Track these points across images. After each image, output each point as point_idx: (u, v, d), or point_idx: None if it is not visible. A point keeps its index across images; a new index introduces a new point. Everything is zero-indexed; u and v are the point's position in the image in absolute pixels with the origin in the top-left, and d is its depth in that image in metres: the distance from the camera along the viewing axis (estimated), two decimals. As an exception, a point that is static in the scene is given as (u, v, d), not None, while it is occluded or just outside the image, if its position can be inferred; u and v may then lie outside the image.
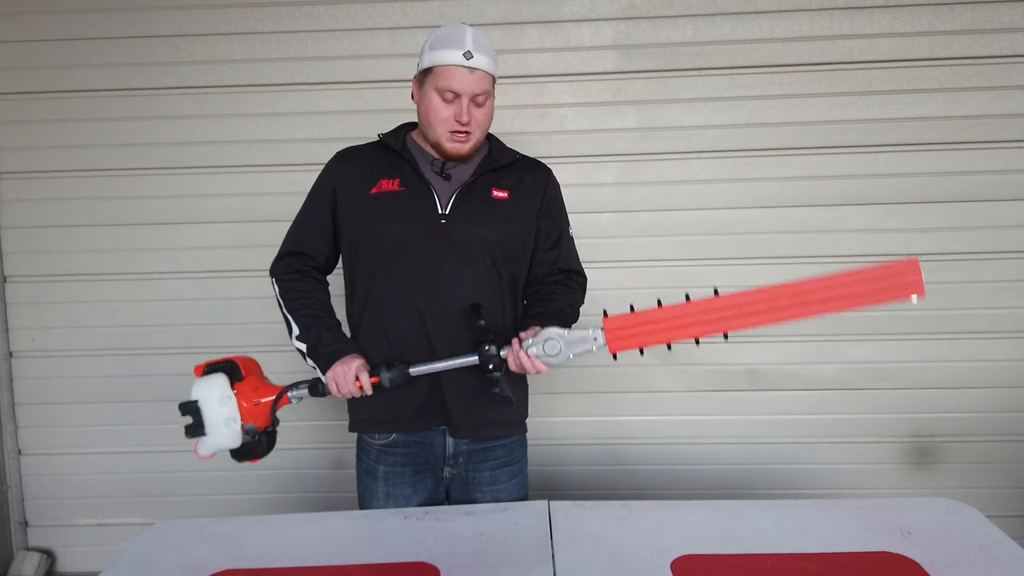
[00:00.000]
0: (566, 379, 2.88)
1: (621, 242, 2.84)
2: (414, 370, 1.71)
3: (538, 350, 1.64)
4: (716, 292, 1.59)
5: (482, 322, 1.68)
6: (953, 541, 1.56)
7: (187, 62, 2.80)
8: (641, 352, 1.65)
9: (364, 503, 1.91)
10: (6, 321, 2.98)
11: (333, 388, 1.73)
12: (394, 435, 1.84)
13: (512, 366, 1.68)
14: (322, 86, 2.81)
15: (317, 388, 1.76)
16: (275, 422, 1.77)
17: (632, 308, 1.63)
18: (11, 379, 3.01)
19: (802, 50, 2.74)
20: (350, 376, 1.71)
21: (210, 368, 1.76)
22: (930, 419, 2.90)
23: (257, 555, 1.59)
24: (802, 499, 1.84)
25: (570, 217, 1.99)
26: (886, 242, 2.80)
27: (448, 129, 1.72)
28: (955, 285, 2.81)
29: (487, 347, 1.65)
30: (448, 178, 1.81)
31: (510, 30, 2.75)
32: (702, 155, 2.81)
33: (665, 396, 2.92)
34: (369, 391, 1.72)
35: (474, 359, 1.68)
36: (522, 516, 1.69)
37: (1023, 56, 2.70)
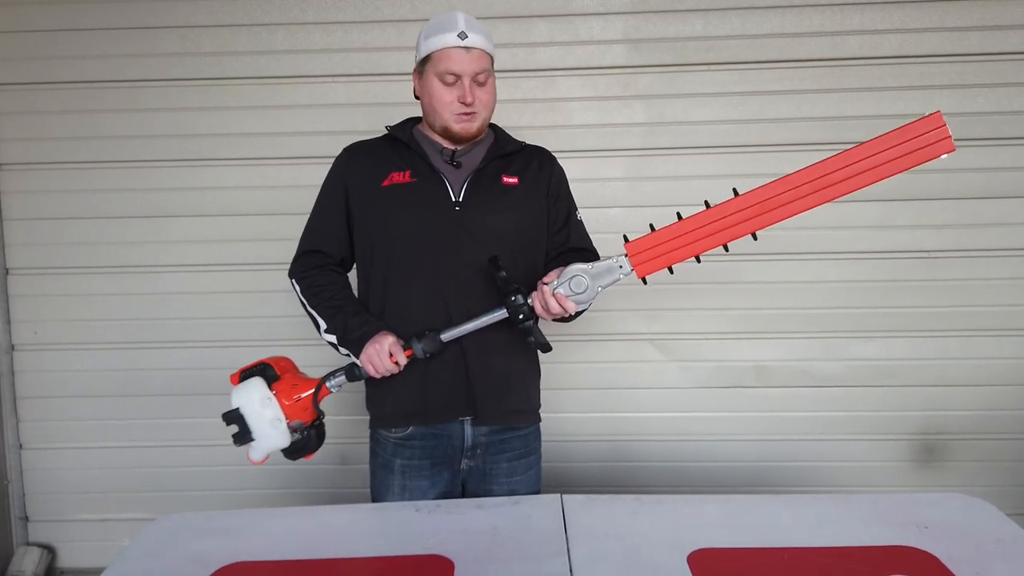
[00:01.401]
0: (575, 375, 2.88)
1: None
2: (445, 335, 1.70)
3: (564, 289, 1.62)
4: (736, 192, 1.54)
5: (503, 273, 1.65)
6: (969, 536, 1.54)
7: (193, 53, 2.78)
8: (670, 271, 1.60)
9: (378, 498, 1.89)
10: (8, 314, 2.96)
11: (370, 369, 1.71)
12: (411, 428, 1.82)
13: (539, 310, 1.66)
14: (329, 78, 2.79)
15: (354, 372, 1.74)
16: (320, 414, 1.77)
17: (652, 227, 1.59)
18: (12, 373, 2.99)
19: (812, 45, 2.74)
20: (384, 353, 1.69)
21: (244, 374, 1.75)
22: (938, 416, 2.89)
23: (266, 547, 1.58)
24: (816, 494, 1.83)
25: (578, 211, 2.00)
26: (896, 238, 2.79)
27: (454, 112, 1.74)
28: (964, 282, 2.81)
29: (513, 297, 1.63)
30: (458, 166, 1.82)
31: (519, 23, 2.74)
32: (711, 150, 2.80)
33: (673, 392, 2.91)
34: (403, 363, 1.70)
35: (503, 312, 1.66)
36: (535, 509, 1.68)
37: (1034, 53, 2.70)
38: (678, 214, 1.57)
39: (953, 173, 2.75)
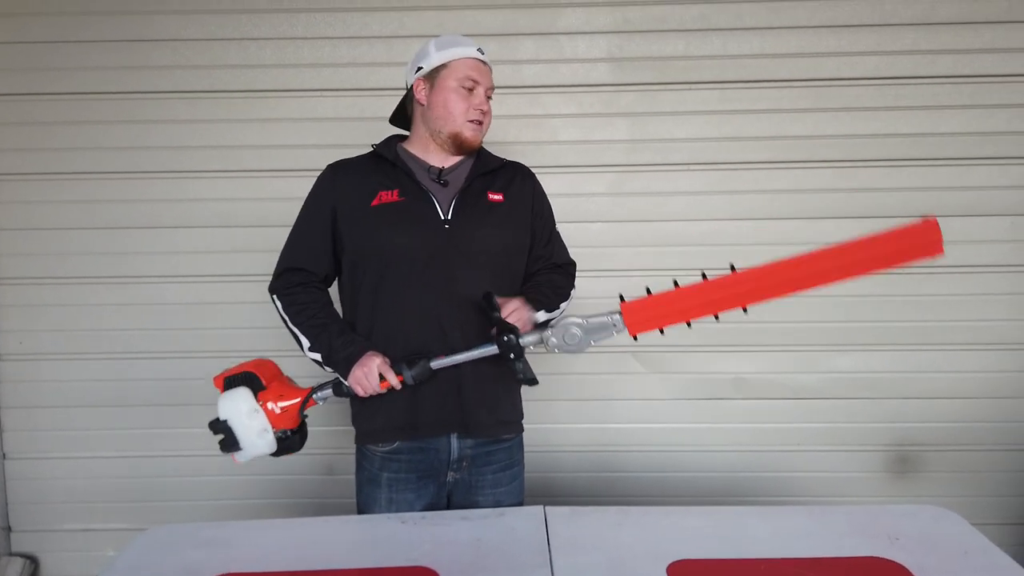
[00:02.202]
0: (559, 386, 2.91)
1: (612, 251, 2.88)
2: (435, 364, 1.73)
3: (558, 339, 1.69)
4: (733, 268, 1.60)
5: (497, 313, 1.70)
6: (939, 547, 1.59)
7: (183, 66, 2.80)
8: (661, 331, 1.66)
9: (365, 511, 1.91)
10: (-4, 324, 2.95)
11: (358, 390, 1.75)
12: (398, 443, 1.85)
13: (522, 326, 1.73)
14: (317, 93, 2.82)
15: (341, 388, 1.78)
16: (304, 418, 1.81)
17: (648, 291, 1.65)
18: (-1, 382, 2.98)
19: (790, 66, 2.80)
20: (372, 376, 1.72)
21: (229, 381, 1.77)
22: (912, 428, 2.95)
23: (254, 559, 1.59)
24: (793, 505, 1.88)
25: (561, 226, 2.06)
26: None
27: (468, 118, 1.82)
28: (936, 298, 2.88)
29: (506, 337, 1.67)
30: (445, 184, 1.85)
31: (506, 41, 2.78)
32: (692, 167, 2.85)
33: (655, 404, 2.96)
34: (398, 387, 1.73)
35: (493, 348, 1.70)
36: (519, 521, 1.71)
37: (1003, 76, 2.77)
38: (675, 281, 1.63)
39: (926, 191, 2.83)
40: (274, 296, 1.88)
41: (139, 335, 2.93)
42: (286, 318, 1.85)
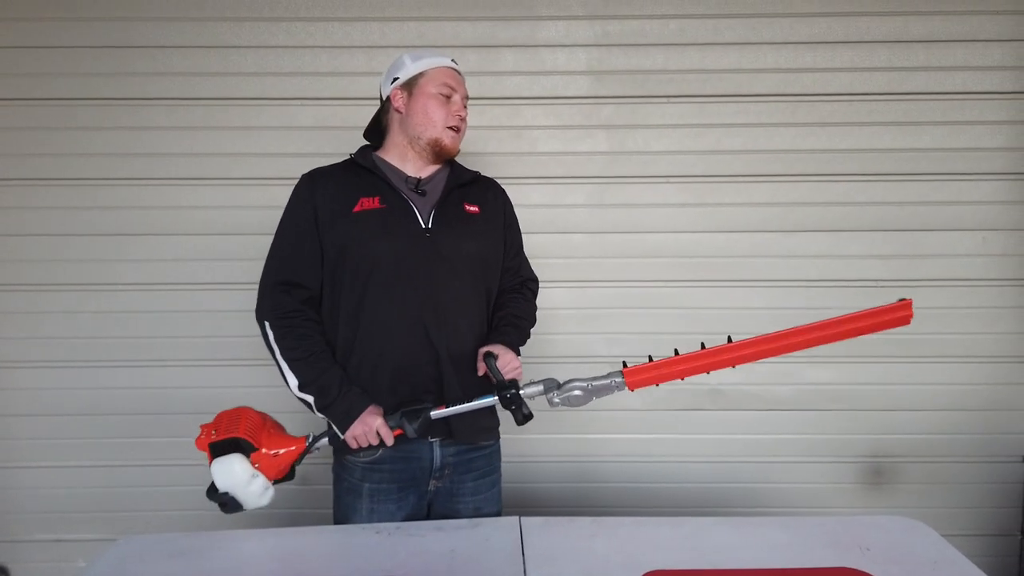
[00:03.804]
0: (535, 398, 2.91)
1: (591, 262, 2.89)
2: (435, 414, 1.76)
3: (563, 399, 1.79)
4: (729, 339, 1.75)
5: (501, 376, 1.77)
6: (909, 558, 1.61)
7: (163, 73, 2.79)
8: (656, 385, 1.80)
9: (344, 522, 1.90)
10: (-34, 331, 2.91)
11: (353, 445, 1.77)
12: (381, 452, 1.84)
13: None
14: (298, 101, 2.82)
15: (337, 439, 1.79)
16: (292, 471, 1.83)
17: (651, 358, 1.77)
18: (-33, 391, 2.94)
19: (767, 81, 2.84)
20: (371, 435, 1.74)
21: (216, 448, 1.72)
22: (885, 440, 2.99)
23: (227, 571, 1.58)
24: (766, 516, 1.90)
25: (541, 237, 2.09)
26: (845, 268, 2.90)
27: (447, 124, 1.85)
28: (909, 311, 2.91)
29: (508, 394, 1.75)
30: (423, 194, 1.87)
31: (486, 53, 2.80)
32: (670, 180, 2.88)
33: (631, 415, 2.97)
34: (390, 443, 1.76)
35: (494, 400, 1.77)
36: (494, 532, 1.71)
37: (975, 93, 2.83)
38: (675, 350, 1.77)
39: (899, 206, 2.87)
40: (266, 323, 1.81)
41: (116, 343, 2.90)
42: (276, 350, 1.80)
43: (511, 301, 1.99)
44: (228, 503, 1.73)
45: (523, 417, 1.75)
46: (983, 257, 2.90)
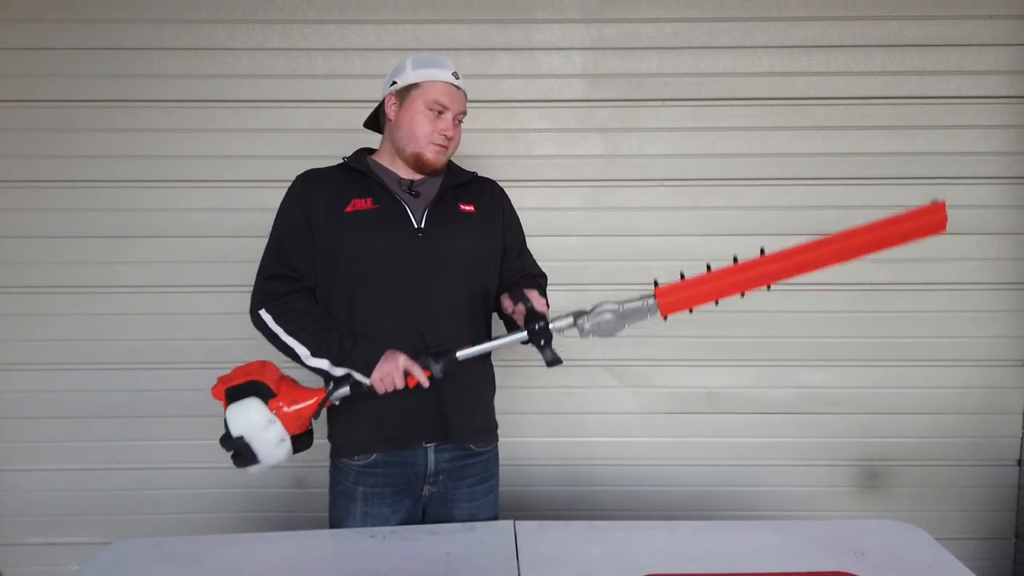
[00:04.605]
0: (532, 400, 2.93)
1: (587, 265, 2.90)
2: (461, 354, 1.72)
3: (592, 325, 1.70)
4: (762, 251, 1.67)
5: (531, 304, 1.71)
6: (903, 562, 1.61)
7: (159, 76, 2.78)
8: (690, 311, 1.73)
9: (338, 526, 1.89)
10: (-40, 334, 2.89)
11: (380, 387, 1.70)
12: (375, 455, 1.84)
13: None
14: (293, 104, 2.81)
15: (360, 387, 1.72)
16: (310, 427, 1.76)
17: (683, 275, 1.71)
18: (-39, 394, 2.92)
19: (762, 85, 2.85)
20: (398, 374, 1.69)
21: (232, 392, 1.68)
22: (879, 443, 2.99)
23: (221, 575, 1.57)
24: (761, 520, 1.90)
25: (536, 240, 2.09)
26: (842, 271, 2.88)
27: (432, 141, 1.82)
28: (905, 314, 2.93)
29: (537, 325, 1.69)
30: (417, 195, 1.87)
31: (482, 56, 2.80)
32: (665, 183, 2.88)
33: (627, 418, 2.97)
34: (426, 384, 1.70)
35: (523, 335, 1.71)
36: (488, 536, 1.70)
37: (969, 97, 2.84)
38: (708, 265, 1.70)
39: (894, 210, 2.85)
40: (261, 311, 1.79)
41: (109, 345, 2.89)
42: (279, 331, 1.77)
43: (523, 279, 1.97)
44: (242, 451, 1.67)
45: (552, 357, 1.69)
46: (977, 261, 2.91)
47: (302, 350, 1.75)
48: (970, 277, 2.92)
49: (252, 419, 1.65)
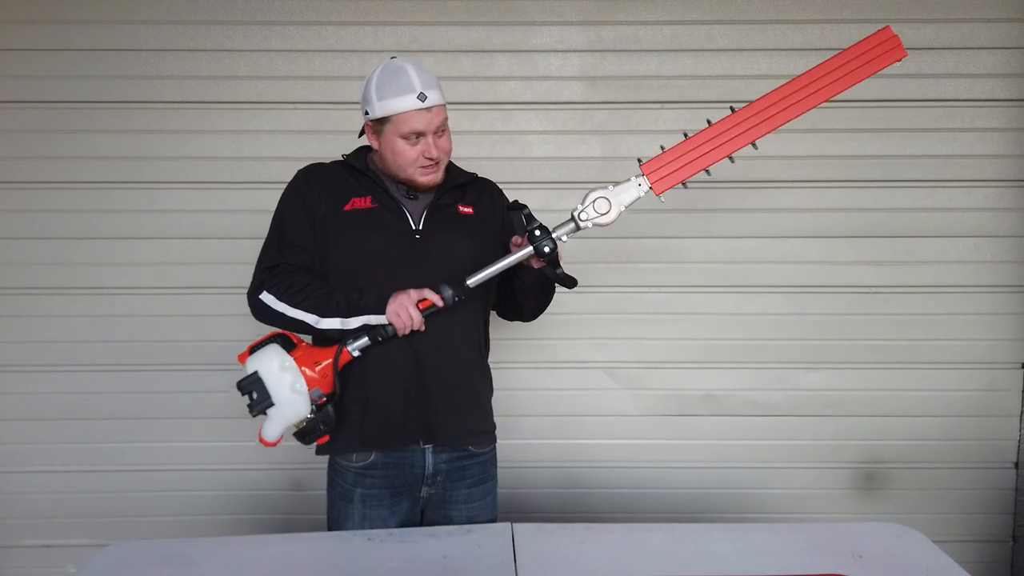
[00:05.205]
0: (529, 402, 2.92)
1: (584, 268, 2.87)
2: (471, 281, 1.71)
3: (588, 212, 1.69)
4: (732, 109, 1.70)
5: (527, 210, 1.70)
6: (901, 565, 1.62)
7: (156, 77, 2.77)
8: (684, 185, 1.73)
9: (336, 528, 1.89)
10: (-45, 336, 2.88)
11: (398, 322, 1.68)
12: (373, 457, 1.84)
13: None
14: (291, 105, 2.81)
15: (376, 332, 1.69)
16: (336, 387, 1.72)
17: (663, 148, 1.71)
18: (-43, 395, 2.91)
19: (760, 87, 2.78)
20: (412, 303, 1.68)
21: (256, 348, 1.70)
22: (878, 446, 2.99)
23: (217, 577, 1.58)
24: (758, 523, 1.90)
25: (536, 242, 2.06)
26: (839, 274, 2.90)
27: (419, 166, 1.78)
28: (900, 317, 2.93)
29: (538, 231, 1.66)
30: (415, 198, 1.87)
31: (480, 58, 2.80)
32: (663, 185, 2.88)
33: (625, 420, 2.96)
34: (441, 304, 1.69)
35: (528, 251, 1.70)
36: (486, 539, 1.71)
37: (966, 100, 2.84)
38: (684, 133, 1.69)
39: (891, 212, 2.88)
40: (263, 293, 1.76)
41: (105, 347, 2.88)
42: (284, 309, 1.74)
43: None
44: (256, 390, 1.65)
45: (562, 274, 1.67)
46: (975, 263, 2.91)
47: (310, 317, 1.73)
48: (968, 280, 2.92)
49: (268, 358, 1.67)
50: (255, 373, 1.67)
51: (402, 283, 1.77)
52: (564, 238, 1.72)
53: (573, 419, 2.97)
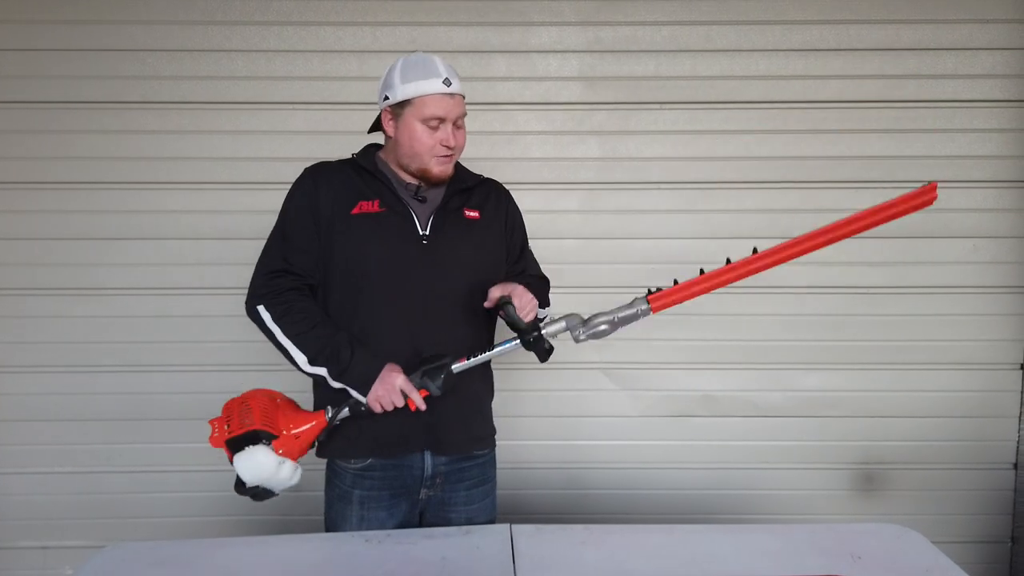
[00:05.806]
0: (528, 403, 2.92)
1: (584, 268, 2.89)
2: (457, 367, 1.72)
3: (589, 336, 1.76)
4: (755, 250, 1.78)
5: (522, 322, 1.73)
6: (900, 565, 1.62)
7: (153, 77, 2.77)
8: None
9: (334, 529, 1.88)
10: (-50, 337, 2.88)
11: (378, 408, 1.70)
12: (371, 459, 1.83)
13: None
14: (289, 106, 2.80)
15: (359, 410, 1.73)
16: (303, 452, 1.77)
17: (676, 282, 1.77)
18: (-48, 397, 2.90)
19: (759, 88, 2.85)
20: (395, 395, 1.68)
21: (234, 443, 1.67)
22: (877, 447, 2.99)
23: (215, 578, 1.57)
24: (757, 524, 1.90)
25: (534, 242, 2.07)
26: (838, 275, 2.90)
27: (436, 154, 1.77)
28: (899, 318, 2.92)
29: (531, 337, 1.72)
30: (423, 200, 1.84)
31: (479, 58, 2.80)
32: (662, 186, 2.88)
33: (624, 421, 2.96)
34: (423, 407, 1.70)
35: (517, 346, 1.74)
36: (484, 540, 1.70)
37: (965, 101, 2.84)
38: (701, 270, 1.78)
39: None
40: (260, 307, 1.75)
41: (103, 348, 2.87)
42: (276, 331, 1.74)
43: (521, 275, 1.97)
44: (259, 494, 1.70)
45: (545, 353, 1.74)
46: (974, 264, 2.91)
47: (300, 356, 1.74)
48: (967, 281, 2.92)
49: (263, 466, 1.66)
50: (258, 486, 1.69)
51: (406, 288, 1.77)
52: (556, 336, 1.77)
53: (572, 420, 2.96)
